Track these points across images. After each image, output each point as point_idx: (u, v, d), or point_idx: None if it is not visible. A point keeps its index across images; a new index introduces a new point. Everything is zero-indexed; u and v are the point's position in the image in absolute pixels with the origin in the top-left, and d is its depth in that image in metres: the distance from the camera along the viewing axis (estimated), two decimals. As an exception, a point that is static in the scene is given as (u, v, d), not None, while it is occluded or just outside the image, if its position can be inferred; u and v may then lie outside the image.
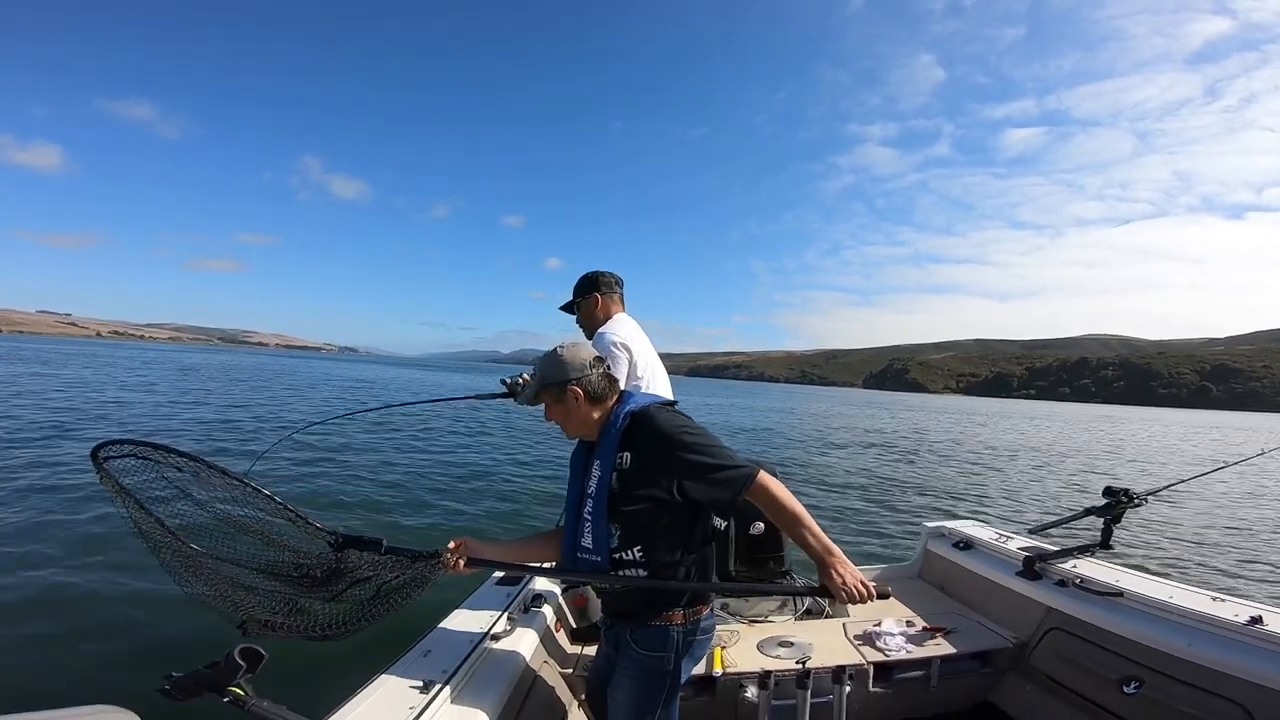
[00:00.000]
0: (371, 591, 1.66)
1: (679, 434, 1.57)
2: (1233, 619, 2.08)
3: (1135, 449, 24.55)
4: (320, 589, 1.63)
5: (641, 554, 1.59)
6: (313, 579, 1.63)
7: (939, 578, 3.33)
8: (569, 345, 1.73)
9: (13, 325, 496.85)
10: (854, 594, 1.53)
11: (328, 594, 1.63)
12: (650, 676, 1.63)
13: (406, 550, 1.67)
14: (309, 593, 1.63)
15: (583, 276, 2.56)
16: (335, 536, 1.64)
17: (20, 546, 5.19)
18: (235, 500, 1.61)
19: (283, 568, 1.64)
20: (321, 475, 8.72)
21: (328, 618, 1.62)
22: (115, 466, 1.53)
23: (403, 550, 1.67)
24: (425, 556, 1.66)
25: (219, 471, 1.58)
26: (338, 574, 1.64)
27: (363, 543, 1.64)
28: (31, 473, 7.68)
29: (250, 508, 1.62)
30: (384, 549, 1.64)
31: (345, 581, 1.64)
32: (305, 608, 1.62)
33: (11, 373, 25.60)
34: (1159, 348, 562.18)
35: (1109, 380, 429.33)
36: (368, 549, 1.64)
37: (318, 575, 1.63)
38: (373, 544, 1.65)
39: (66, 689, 3.29)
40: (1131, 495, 2.59)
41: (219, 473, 1.58)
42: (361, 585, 1.66)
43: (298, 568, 1.64)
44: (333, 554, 1.63)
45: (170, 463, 1.55)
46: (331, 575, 1.64)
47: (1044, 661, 2.58)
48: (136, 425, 13.17)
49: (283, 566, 1.64)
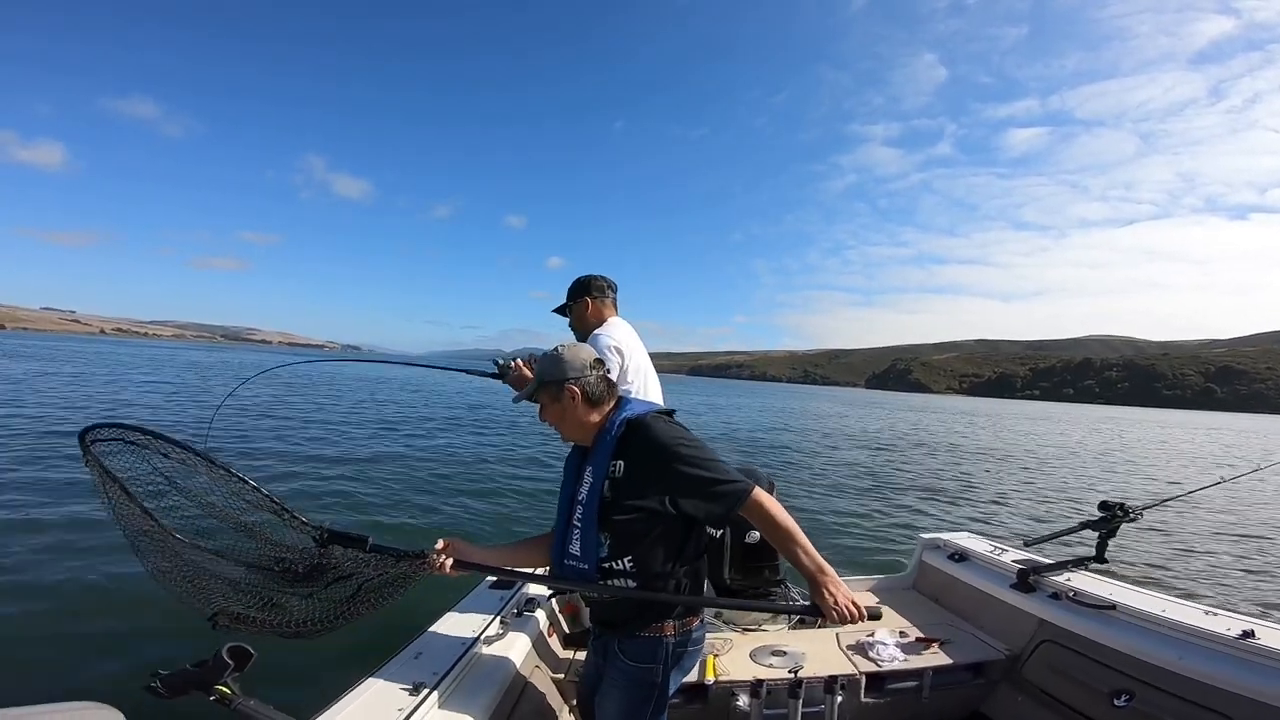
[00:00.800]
0: (351, 590, 1.63)
1: (675, 445, 1.56)
2: (1225, 633, 2.09)
3: (1141, 453, 24.47)
4: (301, 585, 1.60)
5: (632, 564, 1.58)
6: (294, 574, 1.60)
7: (933, 589, 3.33)
8: (569, 345, 1.73)
9: (16, 322, 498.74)
10: (845, 614, 1.53)
11: (305, 590, 1.60)
12: (638, 688, 1.63)
13: (392, 549, 1.65)
14: (288, 588, 1.60)
15: (576, 280, 2.59)
16: (320, 531, 1.61)
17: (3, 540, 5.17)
18: (220, 490, 1.58)
19: (264, 561, 1.61)
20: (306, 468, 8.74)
21: (303, 614, 1.59)
22: (102, 451, 1.51)
23: (388, 549, 1.64)
24: (410, 556, 1.63)
25: (205, 459, 1.55)
26: (320, 570, 1.61)
27: (348, 539, 1.62)
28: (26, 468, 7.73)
29: (235, 498, 1.58)
30: (369, 546, 1.62)
31: (326, 578, 1.62)
32: (281, 603, 1.59)
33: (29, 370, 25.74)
34: (1163, 349, 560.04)
35: (1113, 381, 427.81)
36: (353, 545, 1.62)
37: (299, 570, 1.60)
38: (358, 541, 1.62)
39: (51, 685, 3.26)
40: (1126, 509, 2.59)
41: (206, 461, 1.55)
42: (342, 583, 1.63)
43: (279, 561, 1.61)
44: (316, 549, 1.61)
45: (157, 449, 1.52)
46: (313, 571, 1.61)
47: (1036, 673, 2.58)
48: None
49: (264, 560, 1.61)
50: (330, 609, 1.61)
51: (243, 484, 1.58)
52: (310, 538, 1.62)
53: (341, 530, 1.63)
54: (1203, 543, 8.61)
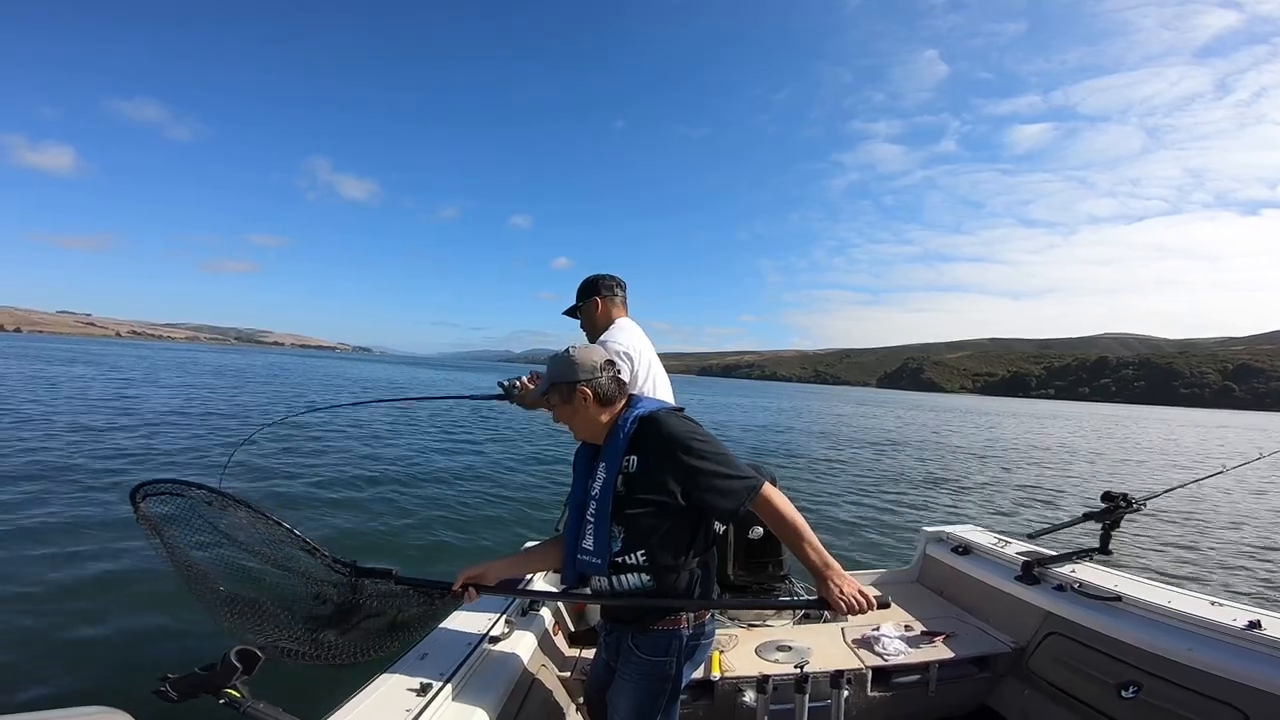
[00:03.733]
0: (385, 624, 1.73)
1: (688, 440, 1.58)
2: (1231, 623, 2.07)
3: (1158, 448, 24.17)
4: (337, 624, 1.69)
5: (645, 558, 1.60)
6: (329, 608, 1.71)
7: (938, 582, 3.32)
8: (580, 347, 1.75)
9: (33, 325, 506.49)
10: (853, 605, 1.54)
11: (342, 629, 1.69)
12: (652, 681, 1.64)
13: (417, 580, 1.74)
14: (327, 627, 1.69)
15: (584, 281, 2.60)
16: (350, 568, 1.71)
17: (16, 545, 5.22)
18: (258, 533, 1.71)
19: (302, 601, 1.71)
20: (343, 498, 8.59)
21: (340, 649, 1.68)
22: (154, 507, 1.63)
23: (413, 580, 1.74)
24: (438, 590, 1.73)
25: (245, 505, 1.67)
26: (353, 609, 1.71)
27: (374, 573, 1.72)
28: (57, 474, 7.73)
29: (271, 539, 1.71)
30: (395, 578, 1.71)
31: (359, 616, 1.71)
32: (323, 639, 1.67)
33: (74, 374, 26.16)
34: (1178, 347, 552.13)
35: (1129, 380, 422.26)
36: (380, 578, 1.71)
37: (334, 604, 1.71)
38: (383, 574, 1.71)
39: (61, 690, 3.26)
40: (1130, 500, 2.58)
41: (245, 506, 1.67)
42: (374, 619, 1.72)
43: (316, 597, 1.71)
44: (348, 584, 1.71)
45: (199, 498, 1.64)
46: (347, 609, 1.71)
47: (1042, 666, 2.57)
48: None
49: (302, 600, 1.72)
50: (371, 641, 1.71)
51: (277, 526, 1.69)
52: (340, 574, 1.72)
53: (368, 566, 1.74)
54: (1208, 533, 8.54)
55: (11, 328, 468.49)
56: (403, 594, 1.72)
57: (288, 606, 1.69)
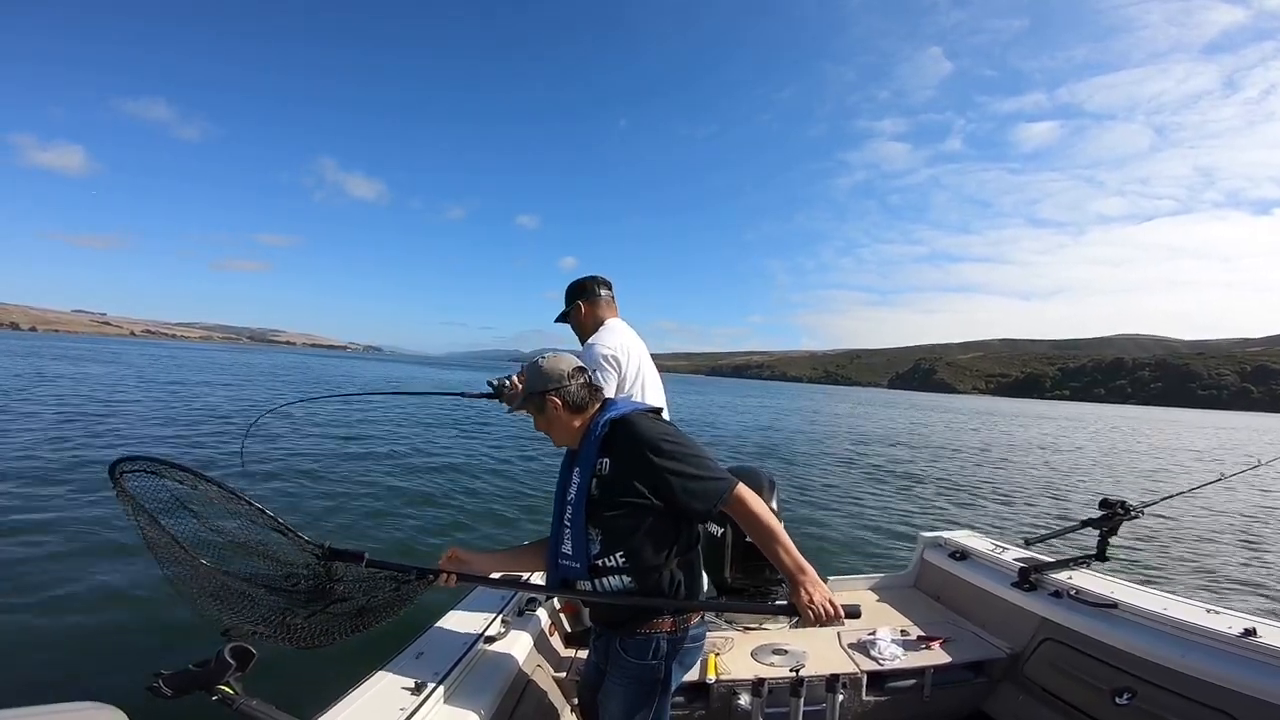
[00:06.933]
0: (355, 609, 1.72)
1: (657, 441, 1.58)
2: (1226, 631, 2.07)
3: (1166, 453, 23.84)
4: (307, 605, 1.70)
5: (624, 560, 1.60)
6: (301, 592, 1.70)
7: (934, 587, 3.32)
8: (550, 356, 1.78)
9: (49, 324, 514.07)
10: (820, 614, 1.53)
11: (311, 611, 1.69)
12: (640, 685, 1.65)
13: (389, 564, 1.74)
14: (298, 607, 1.69)
15: (570, 285, 2.60)
16: (322, 549, 1.71)
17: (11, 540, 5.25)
18: (230, 513, 1.69)
19: (274, 581, 1.71)
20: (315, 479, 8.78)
21: (310, 631, 1.67)
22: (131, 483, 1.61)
23: (385, 564, 1.73)
24: (413, 574, 1.72)
25: (216, 485, 1.65)
26: (324, 592, 1.72)
27: (346, 555, 1.71)
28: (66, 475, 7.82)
29: (243, 519, 1.69)
30: (365, 561, 1.70)
31: (329, 599, 1.71)
32: (290, 622, 1.67)
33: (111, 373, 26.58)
34: (1194, 348, 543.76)
35: (1145, 381, 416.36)
36: (350, 560, 1.71)
37: (306, 586, 1.71)
38: (354, 556, 1.71)
39: (53, 686, 3.26)
40: (1128, 507, 2.57)
41: (216, 485, 1.65)
42: (343, 603, 1.72)
43: (287, 578, 1.71)
44: (320, 565, 1.71)
45: (172, 476, 1.63)
46: (319, 591, 1.71)
47: (1038, 672, 2.57)
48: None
49: (274, 580, 1.71)
50: (336, 624, 1.71)
51: (249, 506, 1.68)
52: (312, 555, 1.72)
53: (340, 547, 1.73)
54: (1204, 540, 8.45)
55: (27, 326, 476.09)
56: (372, 578, 1.72)
57: (259, 585, 1.69)
